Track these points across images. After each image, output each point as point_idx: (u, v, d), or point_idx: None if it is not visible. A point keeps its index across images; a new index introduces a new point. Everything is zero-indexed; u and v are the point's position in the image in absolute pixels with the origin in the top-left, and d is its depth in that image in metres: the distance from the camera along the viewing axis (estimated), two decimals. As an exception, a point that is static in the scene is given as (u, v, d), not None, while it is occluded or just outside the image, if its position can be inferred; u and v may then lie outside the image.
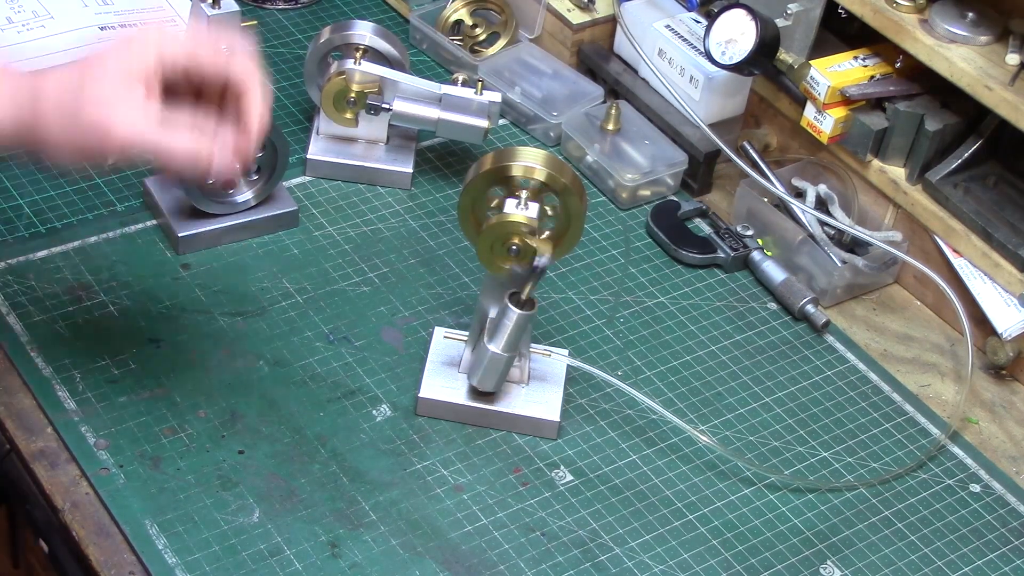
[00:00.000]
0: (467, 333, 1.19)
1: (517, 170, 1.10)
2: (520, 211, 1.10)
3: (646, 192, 1.43)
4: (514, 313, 1.12)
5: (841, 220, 1.36)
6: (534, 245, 1.11)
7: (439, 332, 1.22)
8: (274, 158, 1.30)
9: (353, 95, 1.36)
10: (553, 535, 1.10)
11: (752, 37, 1.32)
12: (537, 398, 1.18)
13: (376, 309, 1.26)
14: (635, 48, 1.46)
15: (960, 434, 1.24)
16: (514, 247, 1.11)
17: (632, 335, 1.28)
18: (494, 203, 1.13)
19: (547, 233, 1.12)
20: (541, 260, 1.11)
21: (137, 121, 0.98)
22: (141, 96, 0.99)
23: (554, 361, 1.20)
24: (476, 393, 1.17)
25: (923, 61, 1.28)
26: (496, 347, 1.13)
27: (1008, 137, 1.30)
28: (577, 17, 1.53)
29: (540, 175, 1.10)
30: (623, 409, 1.21)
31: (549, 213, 1.13)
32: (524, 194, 1.11)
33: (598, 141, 1.44)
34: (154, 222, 1.31)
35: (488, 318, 1.15)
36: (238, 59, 1.02)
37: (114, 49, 1.01)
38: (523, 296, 1.12)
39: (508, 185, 1.12)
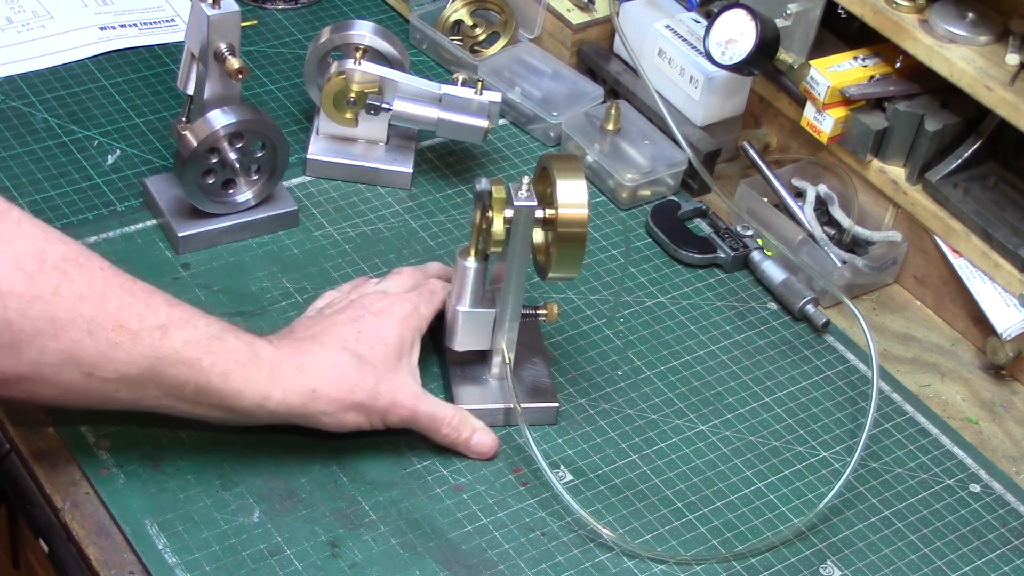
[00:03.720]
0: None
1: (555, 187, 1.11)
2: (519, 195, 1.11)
3: (646, 192, 1.43)
4: (461, 265, 1.14)
5: (841, 220, 1.36)
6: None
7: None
8: (274, 158, 1.30)
9: (353, 95, 1.36)
10: (553, 535, 1.10)
11: (752, 37, 1.32)
12: (488, 396, 1.18)
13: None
14: (628, 52, 1.46)
15: (960, 434, 1.24)
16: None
17: (632, 335, 1.28)
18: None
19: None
20: (479, 183, 1.11)
21: (415, 392, 1.13)
22: (409, 370, 1.14)
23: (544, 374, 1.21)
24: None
25: (923, 61, 1.29)
26: (455, 302, 1.15)
27: (1008, 137, 1.29)
28: (577, 17, 1.53)
29: (552, 212, 1.10)
30: (623, 409, 1.21)
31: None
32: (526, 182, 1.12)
33: (598, 141, 1.44)
34: (154, 222, 1.31)
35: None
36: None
37: (390, 327, 1.14)
38: (471, 248, 1.15)
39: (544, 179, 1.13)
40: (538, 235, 1.14)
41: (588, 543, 1.10)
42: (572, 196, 1.10)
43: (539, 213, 1.11)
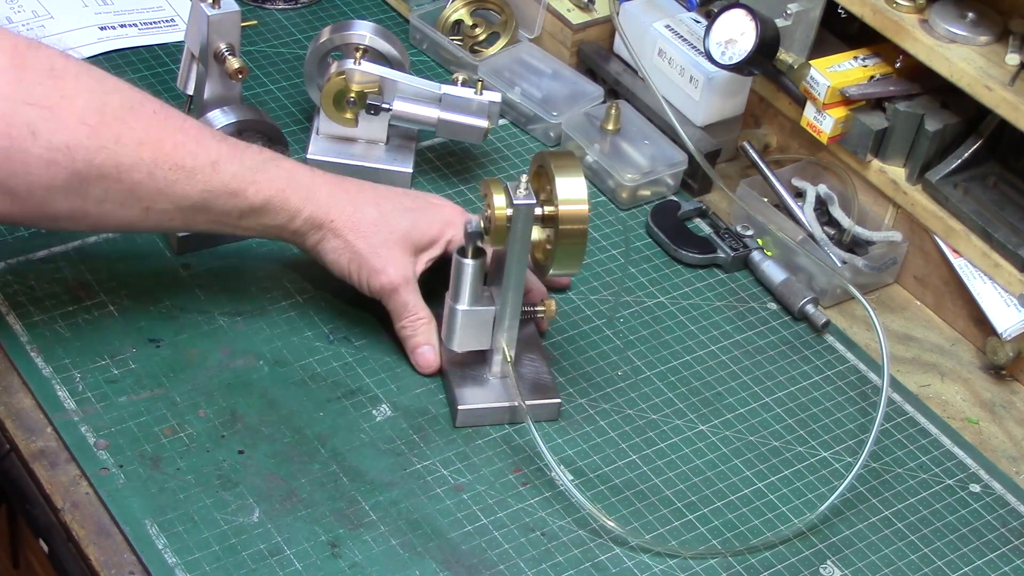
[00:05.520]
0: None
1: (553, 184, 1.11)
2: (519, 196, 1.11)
3: (646, 192, 1.43)
4: (459, 262, 1.15)
5: (841, 220, 1.36)
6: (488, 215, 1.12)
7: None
8: (274, 158, 1.30)
9: (353, 95, 1.36)
10: (553, 535, 1.10)
11: (752, 37, 1.32)
12: (491, 395, 1.18)
13: (376, 309, 1.26)
14: (630, 52, 1.46)
15: (960, 434, 1.24)
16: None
17: (632, 335, 1.28)
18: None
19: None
20: (470, 224, 1.14)
21: (407, 276, 1.19)
22: (413, 262, 1.20)
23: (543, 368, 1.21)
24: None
25: (923, 61, 1.29)
26: (453, 302, 1.16)
27: (1008, 137, 1.30)
28: (577, 17, 1.53)
29: (553, 209, 1.10)
30: (623, 409, 1.21)
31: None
32: (525, 181, 1.11)
33: (598, 141, 1.44)
34: (154, 222, 1.31)
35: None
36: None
37: (421, 221, 1.20)
38: (467, 248, 1.15)
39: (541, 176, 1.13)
40: (536, 233, 1.14)
41: (588, 543, 1.10)
42: (572, 192, 1.10)
43: (538, 211, 1.11)
